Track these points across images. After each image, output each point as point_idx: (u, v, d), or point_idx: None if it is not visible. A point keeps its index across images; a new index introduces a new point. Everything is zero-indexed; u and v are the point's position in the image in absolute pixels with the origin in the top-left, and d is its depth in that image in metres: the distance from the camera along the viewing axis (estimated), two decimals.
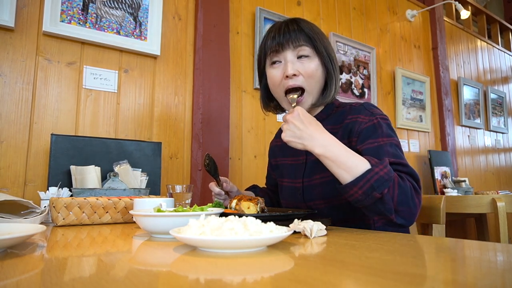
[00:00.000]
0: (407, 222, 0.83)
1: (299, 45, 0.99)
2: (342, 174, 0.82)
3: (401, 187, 0.81)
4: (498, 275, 0.43)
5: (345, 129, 1.00)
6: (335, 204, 0.99)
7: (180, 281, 0.43)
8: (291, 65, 0.98)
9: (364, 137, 0.94)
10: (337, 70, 1.05)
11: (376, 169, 0.80)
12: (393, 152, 0.90)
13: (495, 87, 4.25)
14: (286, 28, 1.00)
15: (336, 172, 0.83)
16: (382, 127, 0.94)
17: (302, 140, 0.85)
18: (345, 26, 2.73)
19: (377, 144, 0.91)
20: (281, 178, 1.20)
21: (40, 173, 1.43)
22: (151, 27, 1.76)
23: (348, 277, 0.42)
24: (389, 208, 0.80)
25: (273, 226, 0.60)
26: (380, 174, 0.79)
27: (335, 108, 1.08)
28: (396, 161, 0.86)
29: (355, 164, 0.81)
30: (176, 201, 1.13)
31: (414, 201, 0.82)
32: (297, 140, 0.86)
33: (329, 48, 1.03)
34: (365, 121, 0.96)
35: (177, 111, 1.83)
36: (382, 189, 0.78)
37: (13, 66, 1.43)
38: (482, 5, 5.24)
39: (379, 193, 0.78)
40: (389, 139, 0.92)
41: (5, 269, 0.47)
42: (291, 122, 0.86)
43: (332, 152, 0.83)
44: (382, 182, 0.78)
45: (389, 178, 0.79)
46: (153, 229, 0.76)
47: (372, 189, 0.78)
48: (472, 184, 3.51)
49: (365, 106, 1.01)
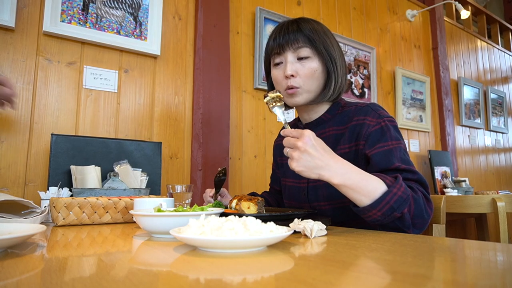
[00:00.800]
0: (420, 231, 0.85)
1: (298, 46, 1.00)
2: (361, 198, 0.80)
3: (416, 201, 0.81)
4: (498, 275, 0.43)
5: (352, 131, 0.99)
6: (339, 205, 0.99)
7: (180, 281, 0.43)
8: (290, 66, 1.00)
9: (372, 141, 0.93)
10: (339, 69, 1.03)
11: (394, 190, 0.79)
12: (401, 157, 0.89)
13: (495, 87, 4.25)
14: (286, 30, 1.01)
15: (353, 197, 0.81)
16: (390, 130, 0.93)
17: (318, 170, 0.79)
18: (345, 26, 2.73)
19: (387, 148, 0.90)
20: (285, 177, 1.20)
21: (40, 173, 1.43)
22: (151, 27, 1.76)
23: (348, 277, 0.42)
24: (407, 224, 0.81)
25: (273, 226, 0.60)
26: (398, 194, 0.79)
27: (341, 108, 1.08)
28: (406, 168, 0.87)
29: (374, 187, 0.80)
30: (176, 201, 1.13)
31: (427, 212, 0.83)
32: (313, 170, 0.79)
33: (330, 48, 1.02)
34: (373, 123, 0.95)
35: (177, 111, 1.83)
36: (402, 209, 0.79)
37: (13, 66, 1.43)
38: (482, 5, 5.24)
39: (399, 213, 0.79)
40: (397, 142, 0.91)
41: (5, 269, 0.47)
42: (305, 150, 0.78)
43: (351, 180, 0.80)
44: (401, 203, 0.79)
45: (407, 197, 0.80)
46: (153, 229, 0.76)
47: (392, 210, 0.78)
48: (472, 184, 3.51)
49: (371, 107, 1.00)
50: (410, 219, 0.81)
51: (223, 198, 1.27)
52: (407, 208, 0.80)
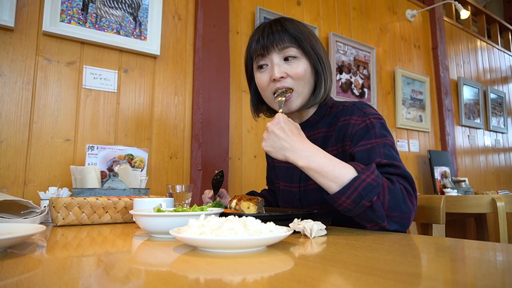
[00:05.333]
0: (401, 227, 0.79)
1: (284, 46, 0.95)
2: (329, 184, 0.78)
3: (391, 191, 0.77)
4: (498, 275, 0.43)
5: (338, 132, 0.97)
6: (331, 209, 0.96)
7: (180, 281, 0.43)
8: (278, 68, 0.94)
9: (357, 139, 0.90)
10: (328, 69, 1.00)
11: (363, 176, 0.76)
12: (386, 152, 0.86)
13: (495, 87, 4.25)
14: (270, 30, 0.96)
15: (322, 182, 0.80)
16: (375, 127, 0.90)
17: (283, 151, 0.80)
18: (345, 26, 2.73)
19: (370, 146, 0.87)
20: (278, 180, 1.19)
21: (40, 173, 1.43)
22: (151, 27, 1.76)
23: (348, 277, 0.42)
24: (380, 215, 0.76)
25: (273, 226, 0.60)
26: (367, 181, 0.75)
27: (329, 108, 1.04)
28: (388, 163, 0.83)
29: (341, 173, 0.77)
30: (176, 201, 1.13)
31: (407, 205, 0.78)
32: (279, 151, 0.81)
33: (317, 47, 0.98)
34: (358, 122, 0.92)
35: (177, 111, 1.83)
36: (371, 196, 0.75)
37: (13, 66, 1.43)
38: (482, 5, 5.24)
39: (368, 201, 0.75)
40: (382, 139, 0.88)
41: (5, 269, 0.47)
42: (272, 130, 0.80)
43: (316, 163, 0.79)
44: (370, 190, 0.75)
45: (378, 184, 0.76)
46: (153, 229, 0.76)
47: (361, 197, 0.75)
48: (472, 184, 3.51)
49: (357, 105, 0.97)
50: (384, 210, 0.76)
51: (222, 199, 1.27)
52: (377, 196, 0.75)
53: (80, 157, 1.51)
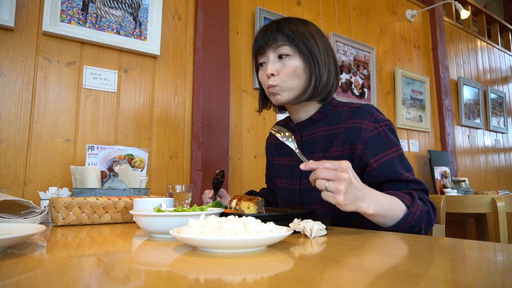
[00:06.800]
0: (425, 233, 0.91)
1: (277, 45, 1.01)
2: (385, 221, 0.84)
3: (429, 215, 0.88)
4: (498, 275, 0.43)
5: (346, 134, 0.98)
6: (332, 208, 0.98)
7: (180, 281, 0.43)
8: (271, 65, 1.02)
9: (372, 149, 0.93)
10: (322, 67, 1.01)
11: (413, 210, 0.84)
12: (405, 165, 0.94)
13: (495, 87, 4.25)
14: (266, 31, 1.04)
15: (378, 221, 0.83)
16: (388, 136, 0.94)
17: (358, 201, 0.76)
18: (345, 26, 2.73)
19: (388, 158, 0.93)
20: (277, 178, 1.19)
21: (40, 173, 1.43)
22: (151, 27, 1.76)
23: (348, 277, 0.42)
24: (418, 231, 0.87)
25: (273, 226, 0.60)
26: (417, 213, 0.84)
27: (333, 107, 1.06)
28: (413, 180, 0.92)
29: (397, 210, 0.84)
30: (176, 201, 1.13)
31: (434, 219, 0.91)
32: (353, 202, 0.75)
33: (312, 46, 1.01)
34: (370, 128, 0.94)
35: (177, 111, 1.83)
36: (421, 225, 0.85)
37: (12, 66, 1.43)
38: (482, 5, 5.24)
39: (417, 229, 0.85)
40: (397, 149, 0.95)
41: (5, 269, 0.47)
42: (351, 182, 0.73)
43: (382, 207, 0.80)
44: (420, 220, 0.85)
45: (424, 214, 0.85)
46: (153, 229, 0.76)
47: (412, 227, 0.84)
48: (472, 184, 3.51)
49: (366, 109, 0.98)
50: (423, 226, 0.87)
51: (222, 199, 1.27)
52: (424, 223, 0.86)
53: (80, 157, 1.51)
